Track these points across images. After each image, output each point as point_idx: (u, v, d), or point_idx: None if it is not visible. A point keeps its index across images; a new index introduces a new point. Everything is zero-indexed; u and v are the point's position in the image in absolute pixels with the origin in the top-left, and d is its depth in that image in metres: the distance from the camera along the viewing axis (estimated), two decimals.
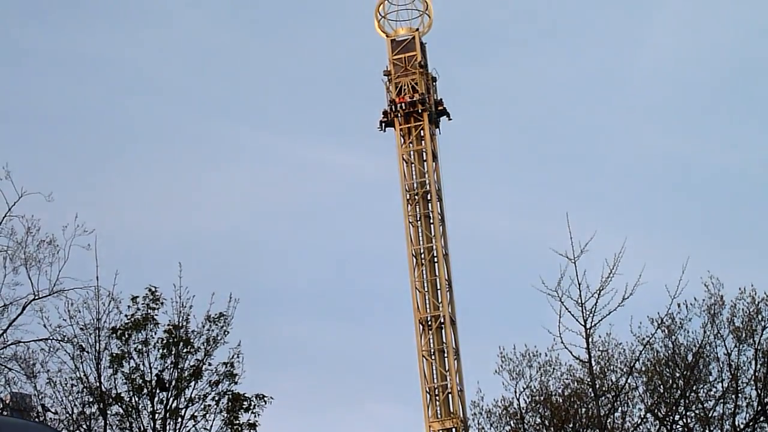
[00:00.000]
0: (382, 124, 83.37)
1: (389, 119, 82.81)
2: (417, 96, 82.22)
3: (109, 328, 41.72)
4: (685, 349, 43.32)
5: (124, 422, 41.33)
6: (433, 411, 77.85)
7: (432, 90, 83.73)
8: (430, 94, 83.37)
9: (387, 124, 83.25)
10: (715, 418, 43.11)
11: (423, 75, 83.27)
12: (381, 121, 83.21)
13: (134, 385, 41.38)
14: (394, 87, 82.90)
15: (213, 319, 42.30)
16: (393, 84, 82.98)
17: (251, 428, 42.63)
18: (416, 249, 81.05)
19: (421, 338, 79.43)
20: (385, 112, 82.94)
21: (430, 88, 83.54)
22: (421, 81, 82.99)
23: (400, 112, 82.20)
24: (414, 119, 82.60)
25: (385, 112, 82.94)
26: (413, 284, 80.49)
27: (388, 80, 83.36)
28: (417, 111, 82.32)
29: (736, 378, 42.82)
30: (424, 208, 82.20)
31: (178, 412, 41.31)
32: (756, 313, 43.26)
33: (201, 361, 41.96)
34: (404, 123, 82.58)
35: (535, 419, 43.94)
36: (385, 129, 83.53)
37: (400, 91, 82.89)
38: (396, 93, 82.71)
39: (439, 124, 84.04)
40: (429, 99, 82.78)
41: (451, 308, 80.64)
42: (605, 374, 42.70)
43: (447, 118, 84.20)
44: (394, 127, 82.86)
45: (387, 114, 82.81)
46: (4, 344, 42.19)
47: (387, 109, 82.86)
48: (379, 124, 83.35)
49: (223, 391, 42.22)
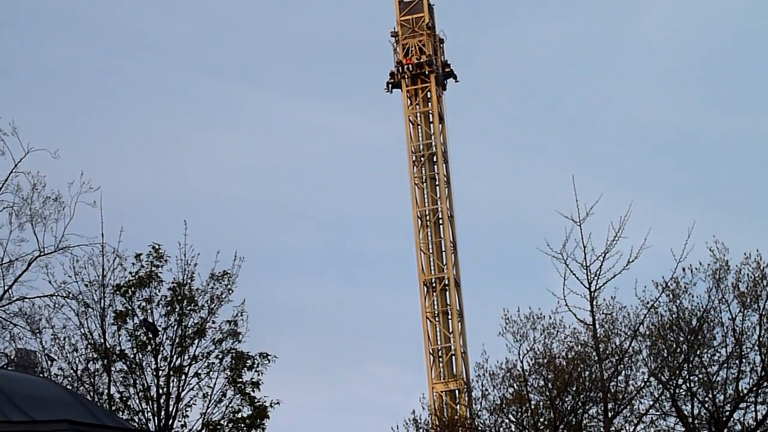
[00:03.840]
0: (389, 86, 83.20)
1: (396, 81, 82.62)
2: (424, 58, 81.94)
3: (113, 285, 41.80)
4: (689, 313, 43.28)
5: (127, 379, 41.46)
6: (436, 373, 78.03)
7: (439, 52, 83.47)
8: (438, 56, 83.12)
9: (394, 86, 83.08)
10: (719, 382, 43.12)
11: (430, 37, 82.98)
12: (388, 82, 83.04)
13: (138, 341, 41.48)
14: (402, 48, 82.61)
15: (217, 277, 42.33)
16: (400, 45, 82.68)
17: (254, 386, 42.74)
18: (421, 211, 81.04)
19: (425, 300, 79.53)
20: (392, 73, 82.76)
21: (437, 49, 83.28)
22: (428, 43, 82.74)
23: (407, 73, 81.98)
24: (421, 81, 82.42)
25: (392, 73, 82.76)
26: (418, 246, 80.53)
27: (396, 41, 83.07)
28: (424, 73, 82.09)
29: (740, 343, 42.80)
30: (429, 170, 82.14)
31: (182, 370, 41.40)
32: (761, 278, 43.18)
33: (205, 319, 42.02)
34: (411, 85, 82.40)
35: (538, 381, 43.98)
36: (392, 90, 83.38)
37: (408, 53, 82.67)
38: (403, 54, 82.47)
39: (446, 86, 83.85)
40: (436, 61, 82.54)
41: (456, 270, 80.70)
42: (609, 337, 42.68)
43: (454, 80, 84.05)
44: (401, 89, 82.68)
45: (394, 75, 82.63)
46: (10, 300, 42.29)
47: (394, 71, 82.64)
48: (386, 85, 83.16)
49: (226, 349, 42.32)
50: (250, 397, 42.56)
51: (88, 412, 23.97)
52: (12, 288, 42.16)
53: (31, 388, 24.39)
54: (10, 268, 42.36)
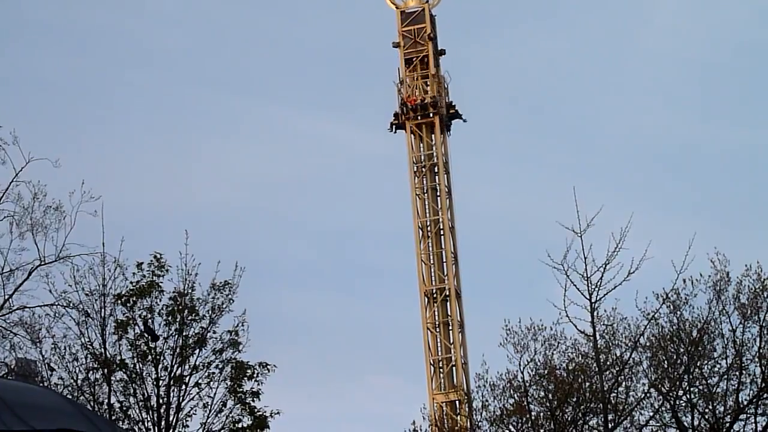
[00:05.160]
0: (393, 126, 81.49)
1: (400, 121, 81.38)
2: (429, 98, 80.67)
3: (114, 295, 41.81)
4: (689, 324, 43.29)
5: (128, 388, 41.44)
6: (436, 383, 77.93)
7: (443, 92, 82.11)
8: (442, 97, 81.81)
9: (398, 126, 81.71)
10: (719, 394, 43.13)
11: (435, 77, 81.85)
12: (392, 123, 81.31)
13: (139, 351, 41.49)
14: (406, 88, 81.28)
15: (218, 287, 42.36)
16: (405, 86, 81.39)
17: (254, 396, 42.75)
18: (422, 221, 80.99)
19: (426, 311, 79.51)
20: (396, 114, 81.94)
21: (441, 90, 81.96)
22: (433, 83, 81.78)
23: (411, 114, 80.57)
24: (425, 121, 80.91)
25: (396, 114, 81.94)
26: (419, 256, 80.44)
27: (400, 82, 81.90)
28: (428, 114, 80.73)
29: (740, 354, 42.82)
30: (431, 181, 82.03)
31: (182, 379, 41.41)
32: (762, 290, 43.20)
33: (206, 329, 42.04)
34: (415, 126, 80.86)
35: (539, 392, 43.97)
36: (396, 131, 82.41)
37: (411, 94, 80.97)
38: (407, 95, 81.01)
39: (450, 127, 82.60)
40: (441, 101, 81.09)
41: (457, 281, 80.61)
42: (610, 349, 42.69)
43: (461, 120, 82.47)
44: (405, 129, 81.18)
45: (398, 116, 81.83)
46: (10, 309, 42.29)
47: (398, 111, 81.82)
48: (390, 126, 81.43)
49: (227, 359, 42.33)
50: (250, 407, 42.55)
51: (88, 421, 23.89)
52: (12, 297, 42.21)
53: (31, 398, 24.31)
54: (10, 278, 42.42)
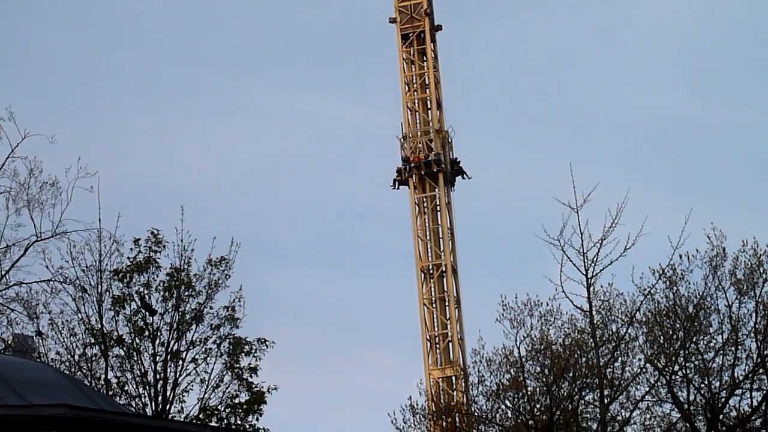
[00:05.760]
0: (396, 183, 79.85)
1: (403, 178, 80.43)
2: (432, 156, 79.52)
3: (111, 271, 41.85)
4: (686, 300, 43.35)
5: (125, 364, 41.54)
6: (433, 359, 78.05)
7: (447, 148, 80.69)
8: (446, 153, 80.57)
9: (400, 183, 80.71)
10: (715, 369, 43.20)
11: (438, 134, 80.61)
12: (395, 179, 79.55)
13: (135, 327, 41.54)
14: (409, 145, 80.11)
15: (215, 262, 42.41)
16: (408, 141, 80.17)
17: (252, 372, 42.83)
18: (419, 198, 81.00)
19: (422, 287, 79.58)
20: (399, 170, 79.58)
21: (446, 146, 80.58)
22: (436, 139, 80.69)
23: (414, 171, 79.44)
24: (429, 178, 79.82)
25: (399, 170, 79.58)
26: (415, 232, 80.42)
27: (403, 138, 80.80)
28: (432, 171, 79.61)
29: (736, 330, 42.88)
30: None
31: (179, 355, 41.48)
32: (757, 265, 43.26)
33: (202, 305, 42.10)
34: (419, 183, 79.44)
35: (535, 368, 44.07)
36: (399, 187, 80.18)
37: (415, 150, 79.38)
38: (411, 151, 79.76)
39: (454, 183, 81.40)
40: (445, 159, 79.67)
41: (453, 257, 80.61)
42: (606, 324, 42.74)
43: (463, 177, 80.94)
44: (408, 186, 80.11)
45: (401, 172, 79.61)
46: (7, 285, 42.33)
47: (401, 167, 79.39)
48: (393, 182, 79.71)
49: (224, 334, 42.40)
50: (247, 383, 42.67)
51: (85, 396, 24.03)
52: (9, 273, 42.27)
53: (28, 373, 24.45)
54: (7, 253, 42.48)
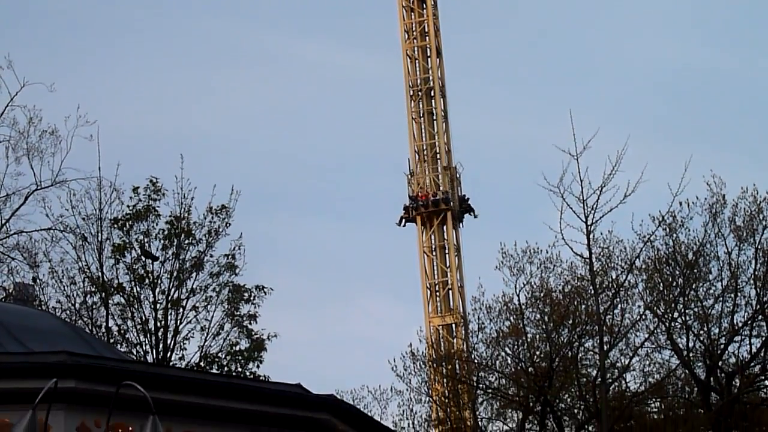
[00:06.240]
0: (403, 220, 78.96)
1: (411, 216, 78.64)
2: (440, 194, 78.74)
3: (111, 219, 41.87)
4: (685, 247, 43.43)
5: (125, 312, 41.62)
6: (433, 307, 78.26)
7: (455, 184, 79.79)
8: (455, 191, 79.67)
9: (407, 221, 78.99)
10: (714, 316, 43.34)
11: (446, 170, 79.80)
12: (402, 216, 78.75)
13: (136, 275, 41.59)
14: (416, 183, 79.30)
15: (215, 211, 42.41)
16: (415, 179, 79.39)
17: (251, 319, 42.95)
18: (419, 145, 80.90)
19: (422, 235, 79.62)
20: (406, 207, 78.70)
21: (454, 183, 79.64)
22: (444, 177, 79.30)
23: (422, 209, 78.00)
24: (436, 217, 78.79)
25: (406, 207, 78.70)
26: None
27: (410, 174, 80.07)
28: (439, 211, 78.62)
29: (735, 277, 42.96)
30: (427, 105, 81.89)
31: (180, 303, 41.56)
32: (757, 212, 43.31)
33: (202, 253, 42.13)
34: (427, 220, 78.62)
35: (534, 315, 44.21)
36: (405, 225, 79.29)
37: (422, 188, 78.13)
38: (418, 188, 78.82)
39: (463, 220, 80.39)
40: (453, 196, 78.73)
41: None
42: (605, 271, 42.81)
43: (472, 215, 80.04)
44: (416, 223, 78.44)
45: (408, 210, 78.64)
46: (7, 234, 42.36)
47: (408, 205, 78.39)
48: (400, 219, 78.84)
49: (224, 282, 42.46)
50: (247, 330, 42.79)
51: (86, 344, 24.05)
52: (9, 222, 42.29)
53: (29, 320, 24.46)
54: (7, 202, 42.47)
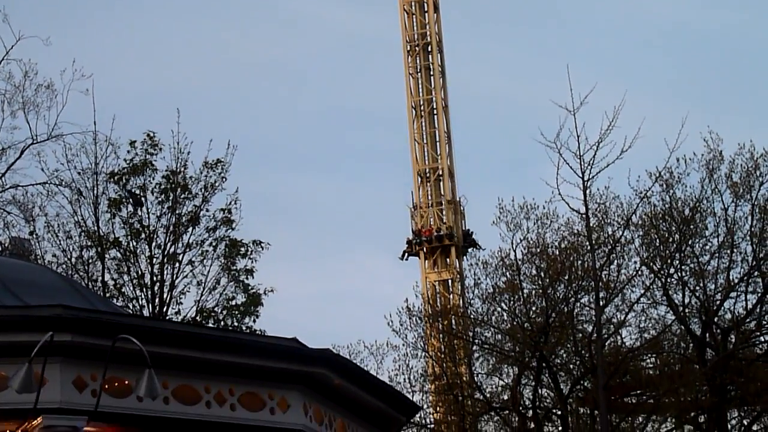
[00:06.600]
0: (405, 254, 78.55)
1: (414, 251, 78.14)
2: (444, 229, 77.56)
3: (107, 173, 41.77)
4: (682, 203, 43.45)
5: (121, 266, 41.59)
6: (429, 262, 78.39)
7: (459, 217, 78.64)
8: (458, 225, 78.59)
9: (411, 254, 78.43)
10: (710, 272, 43.42)
11: (450, 204, 79.22)
12: (404, 251, 78.35)
13: (132, 229, 41.55)
14: (420, 217, 78.63)
15: (211, 165, 42.31)
16: (418, 214, 78.77)
17: (248, 274, 42.95)
18: (416, 101, 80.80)
19: (419, 190, 79.65)
20: (409, 241, 78.20)
21: (458, 216, 78.65)
22: (448, 212, 78.58)
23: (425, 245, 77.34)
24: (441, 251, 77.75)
25: (409, 241, 78.20)
26: (412, 136, 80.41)
27: (413, 207, 78.95)
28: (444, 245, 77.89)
29: (731, 233, 43.00)
30: (424, 60, 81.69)
31: (176, 257, 41.54)
32: (754, 168, 43.31)
33: (199, 207, 42.06)
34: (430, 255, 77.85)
35: (531, 270, 44.28)
36: (408, 259, 78.73)
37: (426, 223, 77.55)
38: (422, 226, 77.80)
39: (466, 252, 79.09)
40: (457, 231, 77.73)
41: (450, 160, 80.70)
42: (602, 227, 42.88)
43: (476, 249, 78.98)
44: (419, 257, 77.96)
45: (411, 244, 78.16)
46: (3, 188, 42.28)
47: (411, 239, 78.00)
48: (402, 254, 78.51)
49: (220, 236, 42.42)
50: (244, 285, 42.81)
51: (82, 297, 24.00)
52: (5, 176, 42.20)
53: (25, 274, 24.39)
54: (2, 156, 42.37)
